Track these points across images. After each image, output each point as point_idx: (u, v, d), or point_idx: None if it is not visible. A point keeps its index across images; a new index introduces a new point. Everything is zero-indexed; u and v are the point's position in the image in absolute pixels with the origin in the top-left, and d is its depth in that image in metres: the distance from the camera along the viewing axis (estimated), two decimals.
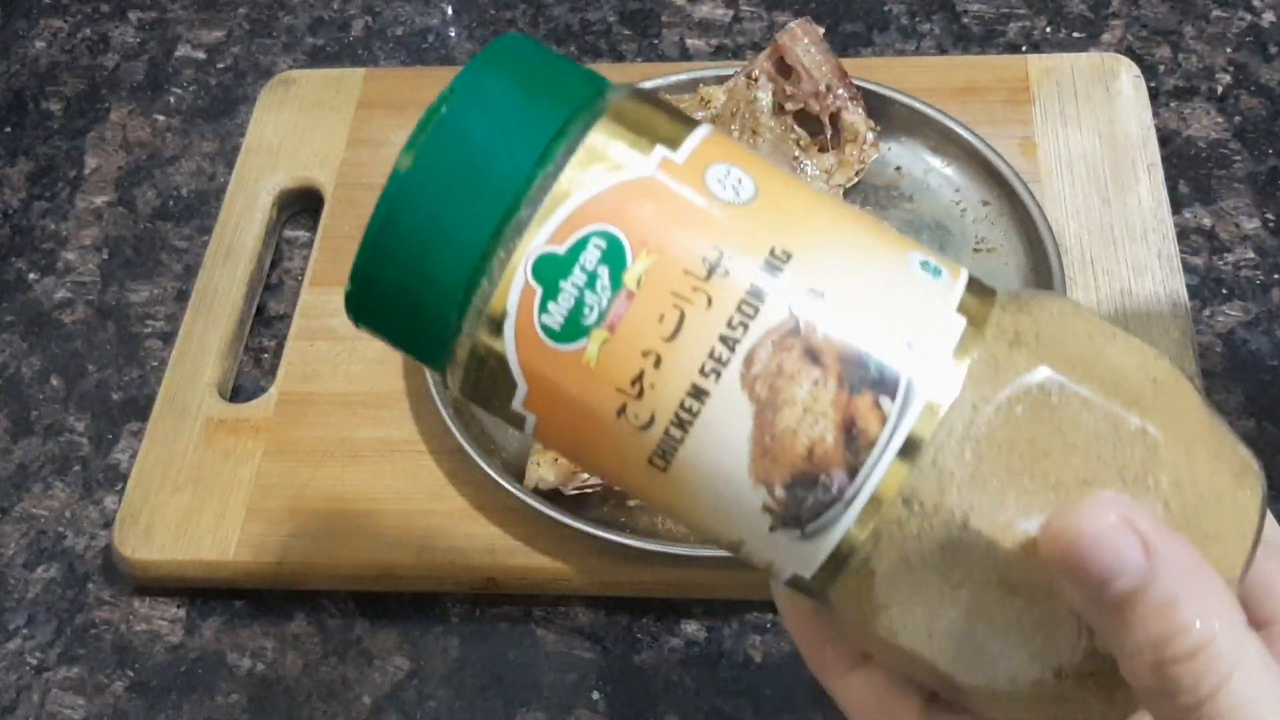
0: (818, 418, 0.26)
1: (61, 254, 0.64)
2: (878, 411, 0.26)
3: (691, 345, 0.26)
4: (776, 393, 0.26)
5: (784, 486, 0.27)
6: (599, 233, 0.26)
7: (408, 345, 0.30)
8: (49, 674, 0.52)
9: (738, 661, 0.49)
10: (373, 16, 0.72)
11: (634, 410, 0.27)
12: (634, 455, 0.28)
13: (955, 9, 0.68)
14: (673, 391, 0.27)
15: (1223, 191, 0.60)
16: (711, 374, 0.26)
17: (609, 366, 0.27)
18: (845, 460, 0.26)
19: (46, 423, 0.58)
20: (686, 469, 0.27)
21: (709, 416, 0.27)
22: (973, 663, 0.27)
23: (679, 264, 0.26)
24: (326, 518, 0.52)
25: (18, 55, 0.73)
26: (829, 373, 0.26)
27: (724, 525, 0.28)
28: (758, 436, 0.27)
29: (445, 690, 0.50)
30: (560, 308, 0.27)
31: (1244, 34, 0.66)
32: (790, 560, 0.28)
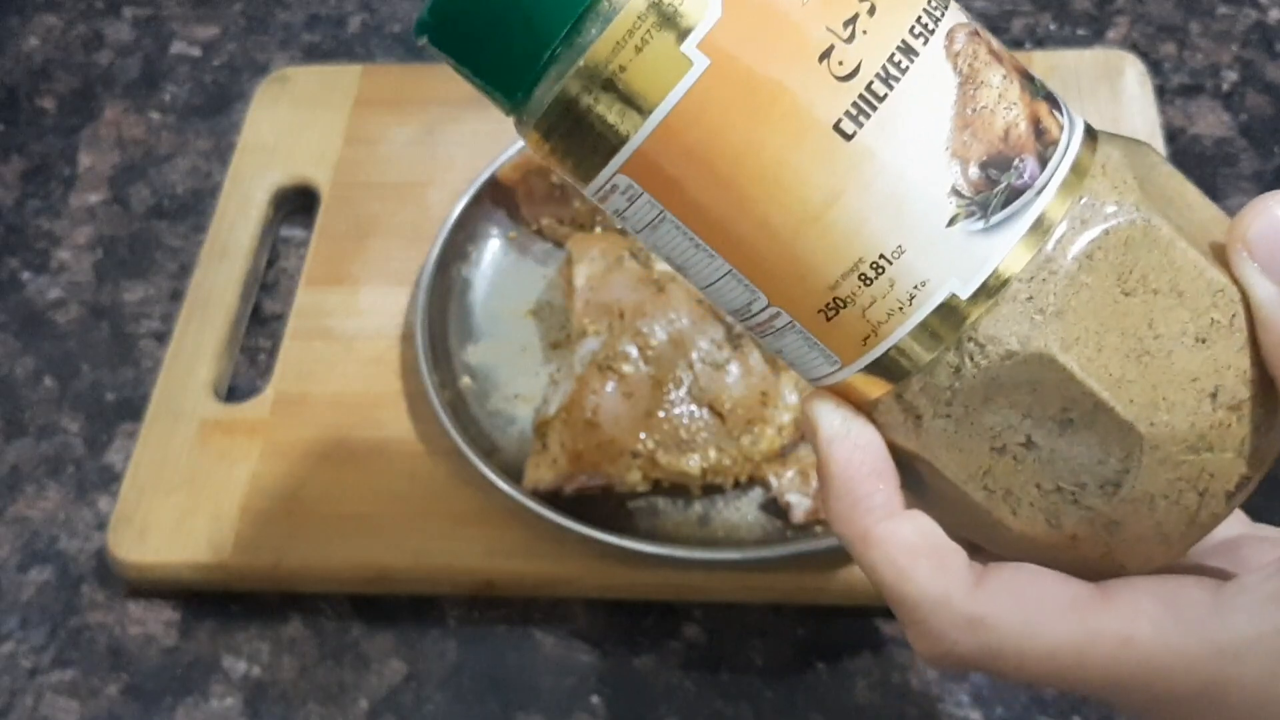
0: (1010, 105, 0.27)
1: (55, 253, 0.64)
2: (1055, 119, 0.28)
3: (901, 4, 0.26)
4: (976, 71, 0.27)
5: (979, 165, 0.26)
6: None
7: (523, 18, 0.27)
8: (42, 677, 0.51)
9: (738, 665, 0.49)
10: (370, 13, 0.72)
11: (840, 55, 0.26)
12: (821, 116, 0.26)
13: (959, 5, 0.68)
14: (884, 41, 0.26)
15: (1229, 189, 0.60)
16: (920, 36, 0.26)
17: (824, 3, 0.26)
18: (1036, 149, 0.27)
19: (40, 423, 0.58)
20: (879, 136, 0.26)
21: (916, 75, 0.26)
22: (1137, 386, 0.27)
23: None
24: (323, 520, 0.52)
25: (11, 52, 0.73)
26: (1011, 74, 0.28)
27: (889, 224, 0.26)
28: (960, 106, 0.26)
29: (443, 694, 0.49)
30: None
31: (1250, 31, 0.65)
32: (954, 268, 0.27)
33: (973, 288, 0.27)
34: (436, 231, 0.57)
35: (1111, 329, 0.26)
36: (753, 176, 0.26)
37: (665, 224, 0.28)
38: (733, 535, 0.50)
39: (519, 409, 0.54)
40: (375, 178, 0.62)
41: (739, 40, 0.26)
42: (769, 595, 0.49)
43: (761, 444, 0.50)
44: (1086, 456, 0.27)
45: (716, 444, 0.50)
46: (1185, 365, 0.27)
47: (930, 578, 0.27)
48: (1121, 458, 0.27)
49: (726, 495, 0.51)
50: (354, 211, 0.61)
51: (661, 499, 0.51)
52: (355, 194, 0.62)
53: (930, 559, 0.28)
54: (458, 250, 0.58)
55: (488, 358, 0.56)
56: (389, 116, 0.64)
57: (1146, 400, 0.27)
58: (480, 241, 0.59)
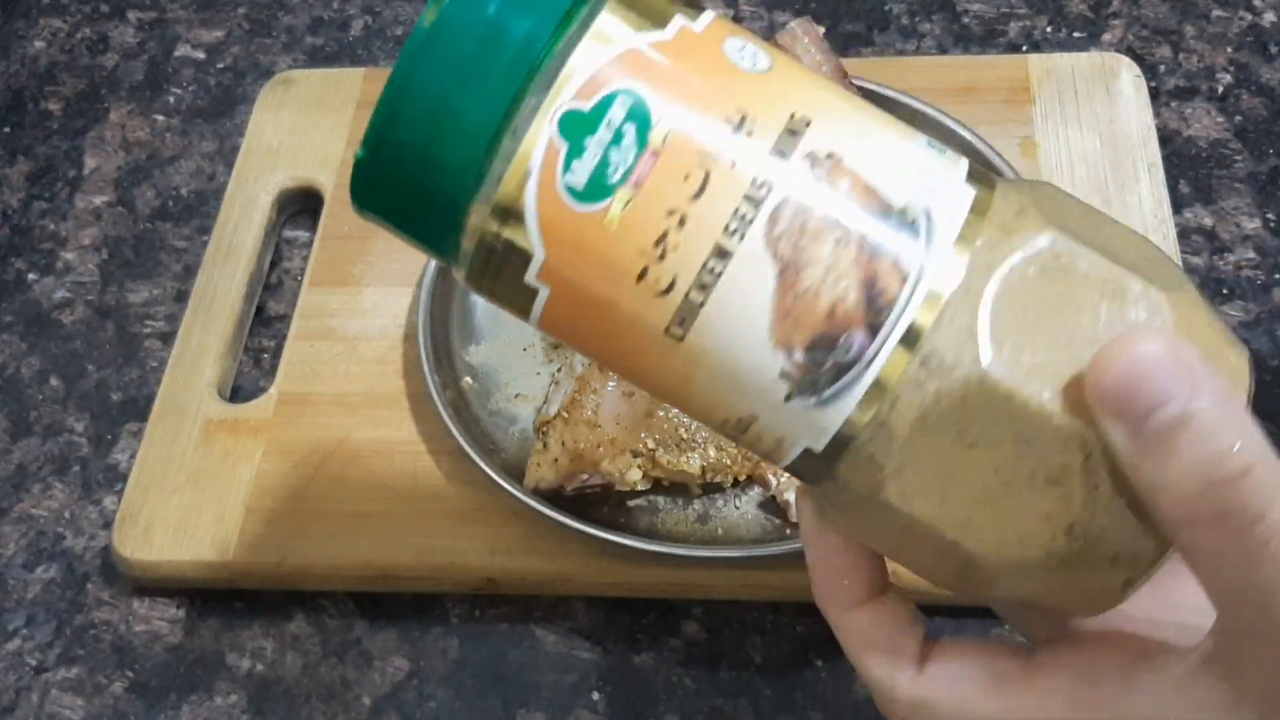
0: (840, 277, 0.26)
1: (61, 254, 0.64)
2: (897, 271, 0.26)
3: (716, 204, 0.26)
4: (800, 251, 0.26)
5: (804, 349, 0.27)
6: (624, 90, 0.27)
7: (417, 221, 0.29)
8: (48, 674, 0.51)
9: (738, 662, 0.49)
10: (372, 16, 0.72)
11: (655, 274, 0.27)
12: (651, 325, 0.27)
13: (956, 9, 0.68)
14: (696, 251, 0.27)
15: (1223, 191, 0.60)
16: (736, 233, 0.26)
17: (632, 227, 0.27)
18: (866, 319, 0.27)
19: (46, 423, 0.58)
20: (705, 336, 0.27)
21: (732, 277, 0.27)
22: (984, 528, 0.27)
23: (704, 123, 0.27)
24: (326, 518, 0.52)
25: (17, 55, 0.73)
26: (850, 233, 0.27)
27: (737, 399, 0.28)
28: (780, 297, 0.27)
29: (445, 691, 0.50)
30: (585, 165, 0.27)
31: (1244, 34, 0.66)
32: (803, 432, 0.28)
33: (822, 446, 0.28)
34: None
35: (955, 479, 0.27)
36: (620, 364, 0.29)
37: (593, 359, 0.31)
38: (732, 533, 0.50)
39: (520, 409, 0.55)
40: None
41: (567, 272, 0.28)
42: (768, 593, 0.50)
43: None
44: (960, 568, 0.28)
45: (716, 443, 0.50)
46: (1036, 505, 0.27)
47: (880, 667, 0.31)
48: (985, 580, 0.28)
49: (726, 494, 0.51)
50: None
51: (661, 497, 0.51)
52: None
53: (881, 650, 0.31)
54: None
55: (489, 358, 0.56)
56: None
57: (996, 538, 0.27)
58: None
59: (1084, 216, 0.28)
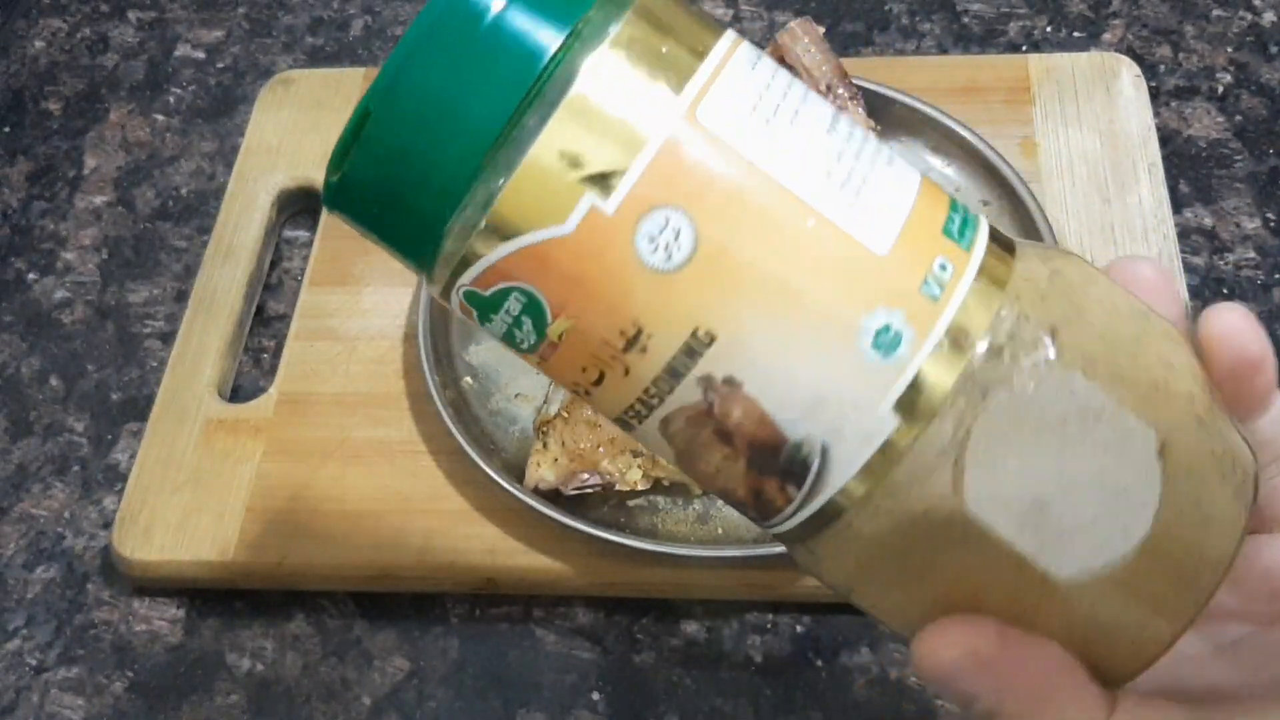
0: (729, 481, 0.28)
1: (61, 254, 0.64)
2: (784, 494, 0.27)
3: (613, 397, 0.27)
4: (692, 453, 0.27)
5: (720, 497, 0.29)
6: (518, 289, 0.27)
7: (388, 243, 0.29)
8: (48, 674, 0.51)
9: (738, 662, 0.49)
10: (372, 16, 0.72)
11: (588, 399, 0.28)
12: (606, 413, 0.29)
13: (955, 8, 0.68)
14: (608, 410, 0.28)
15: (1223, 191, 0.60)
16: (634, 417, 0.28)
17: (555, 374, 0.28)
18: (758, 512, 0.28)
19: (46, 423, 0.58)
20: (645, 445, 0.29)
21: (642, 435, 0.28)
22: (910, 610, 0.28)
23: (596, 333, 0.26)
24: (326, 518, 0.52)
25: (17, 55, 0.73)
26: (739, 453, 0.27)
27: None
28: (685, 466, 0.28)
29: (445, 691, 0.50)
30: (496, 329, 0.28)
31: (1245, 33, 0.66)
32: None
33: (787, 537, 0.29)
34: None
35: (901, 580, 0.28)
36: None
37: None
38: (732, 533, 0.50)
39: (520, 408, 0.55)
40: None
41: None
42: (768, 593, 0.50)
43: None
44: None
45: None
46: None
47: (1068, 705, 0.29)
48: None
49: None
50: None
51: (661, 497, 0.51)
52: None
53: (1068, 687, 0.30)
54: None
55: (489, 357, 0.56)
56: None
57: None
58: None
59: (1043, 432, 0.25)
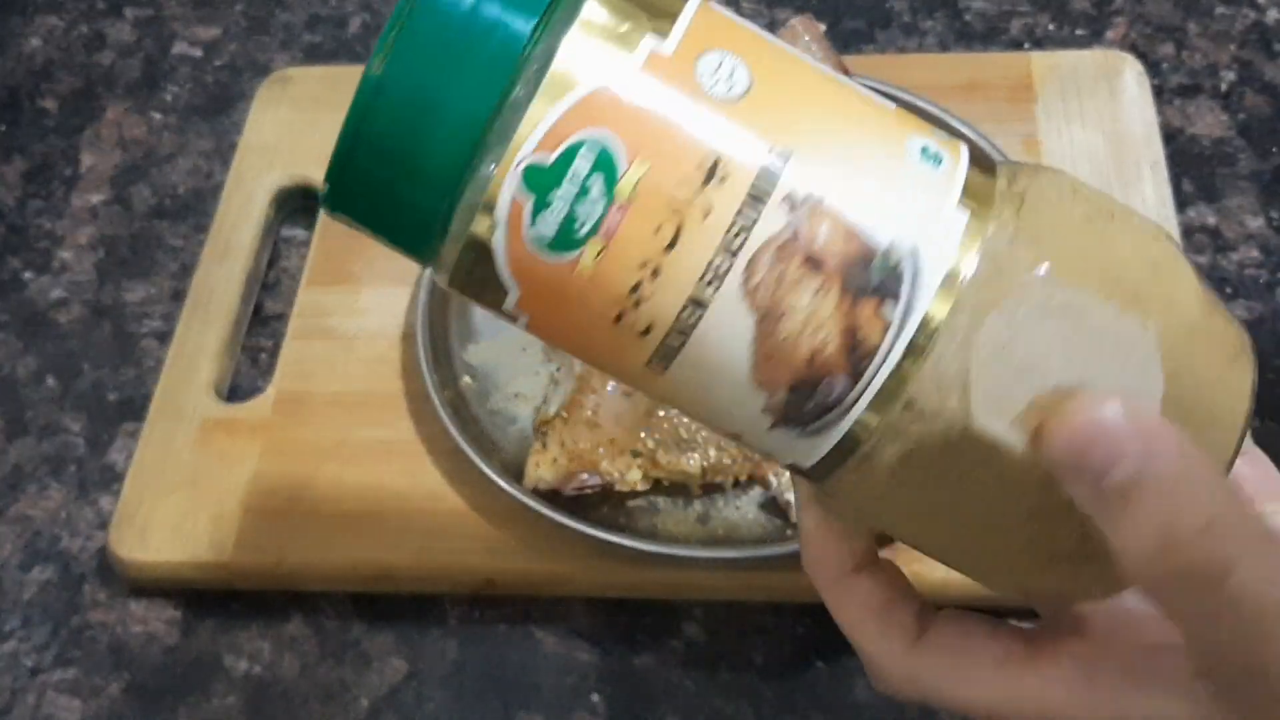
0: (820, 326, 0.26)
1: (57, 253, 0.64)
2: (879, 320, 0.26)
3: (690, 256, 0.26)
4: (778, 301, 0.26)
5: (786, 390, 0.27)
6: (588, 140, 0.25)
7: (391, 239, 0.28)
8: (44, 676, 0.51)
9: (738, 663, 0.49)
10: (370, 13, 0.72)
11: (632, 319, 0.27)
12: (631, 358, 0.27)
13: (957, 6, 0.68)
14: (671, 302, 0.26)
15: (1227, 190, 0.60)
16: (711, 284, 0.26)
17: (605, 276, 0.26)
18: (847, 367, 0.26)
19: (42, 423, 0.58)
20: (686, 372, 0.27)
21: (709, 325, 0.26)
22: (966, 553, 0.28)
23: (674, 172, 0.26)
24: (324, 519, 0.52)
25: (13, 52, 0.73)
26: (831, 281, 0.26)
27: (722, 421, 0.28)
28: (759, 344, 0.26)
29: (443, 692, 0.49)
30: (552, 218, 0.26)
31: (1248, 31, 0.66)
32: (789, 453, 0.28)
33: (809, 465, 0.28)
34: None
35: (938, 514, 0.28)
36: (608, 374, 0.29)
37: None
38: (732, 534, 0.50)
39: (519, 408, 0.54)
40: None
41: (541, 308, 0.27)
42: (768, 594, 0.49)
43: None
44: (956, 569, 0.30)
45: (716, 443, 0.50)
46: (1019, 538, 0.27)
47: (875, 636, 0.30)
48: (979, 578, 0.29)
49: (726, 494, 0.51)
50: None
51: (661, 498, 0.51)
52: None
53: (877, 619, 0.31)
54: None
55: (488, 357, 0.56)
56: None
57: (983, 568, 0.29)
58: None
59: (1088, 225, 0.27)
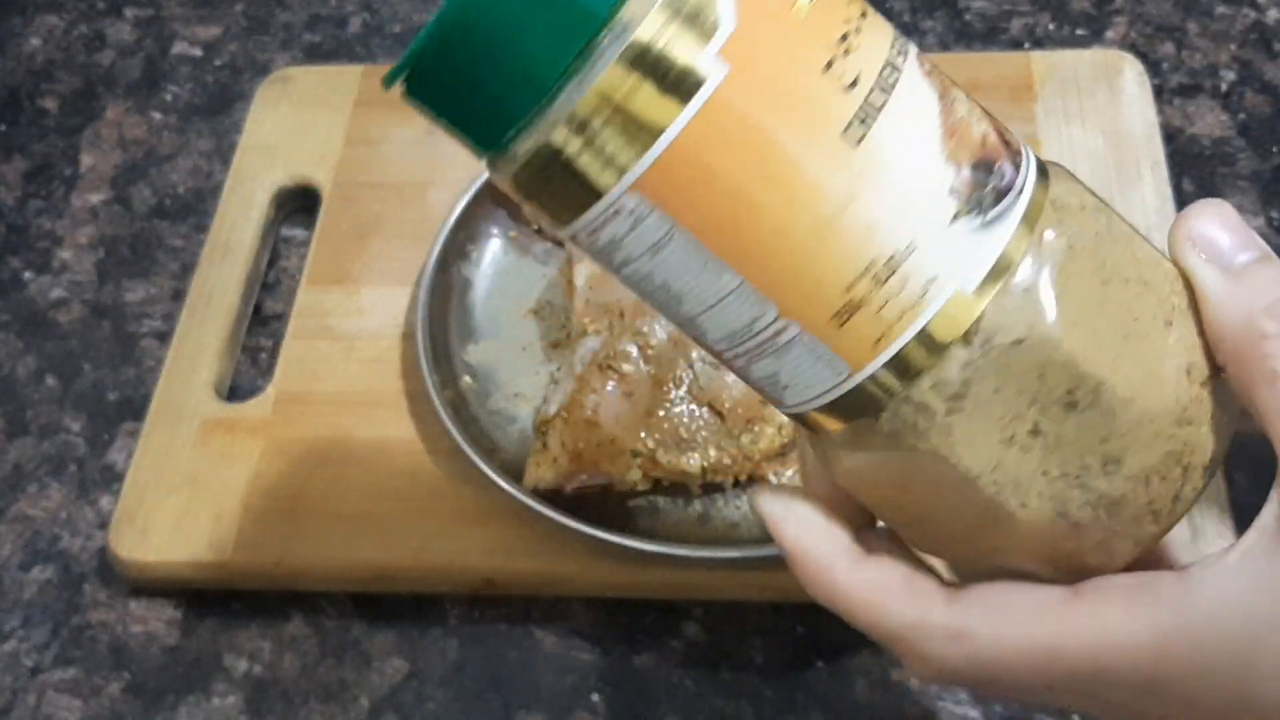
0: (980, 118, 0.29)
1: (57, 253, 0.64)
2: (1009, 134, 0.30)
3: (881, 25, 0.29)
4: (948, 88, 0.29)
5: (970, 167, 0.28)
6: None
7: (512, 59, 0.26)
8: (44, 676, 0.51)
9: (739, 663, 0.49)
10: (370, 13, 0.72)
11: (841, 67, 0.27)
12: (832, 123, 0.27)
13: (957, 6, 0.68)
14: (874, 56, 0.28)
15: (1227, 189, 0.60)
16: (901, 54, 0.28)
17: (819, 20, 0.27)
18: (1008, 155, 0.29)
19: (42, 423, 0.58)
20: (884, 140, 0.27)
21: (905, 87, 0.28)
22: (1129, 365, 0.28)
23: None
24: (324, 518, 0.52)
25: (13, 52, 0.73)
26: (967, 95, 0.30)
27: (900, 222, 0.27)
28: (945, 117, 0.28)
29: (444, 692, 0.49)
30: None
31: (1248, 31, 0.66)
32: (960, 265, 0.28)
33: (977, 281, 0.28)
34: (437, 231, 0.57)
35: (1100, 314, 0.28)
36: (770, 183, 0.27)
37: (673, 244, 0.28)
38: (733, 534, 0.50)
39: (519, 408, 0.54)
40: (376, 178, 0.63)
41: (755, 49, 0.26)
42: (769, 594, 0.49)
43: (761, 443, 0.50)
44: (1091, 437, 0.28)
45: (716, 443, 0.50)
46: (1162, 346, 0.29)
47: (904, 606, 0.29)
48: (1122, 434, 0.28)
49: (726, 494, 0.51)
50: (355, 211, 0.61)
51: (661, 498, 0.51)
52: (356, 194, 0.62)
53: (900, 590, 0.29)
54: (458, 250, 0.58)
55: (488, 357, 0.56)
56: (390, 117, 0.64)
57: (1140, 378, 0.28)
58: (481, 241, 0.59)
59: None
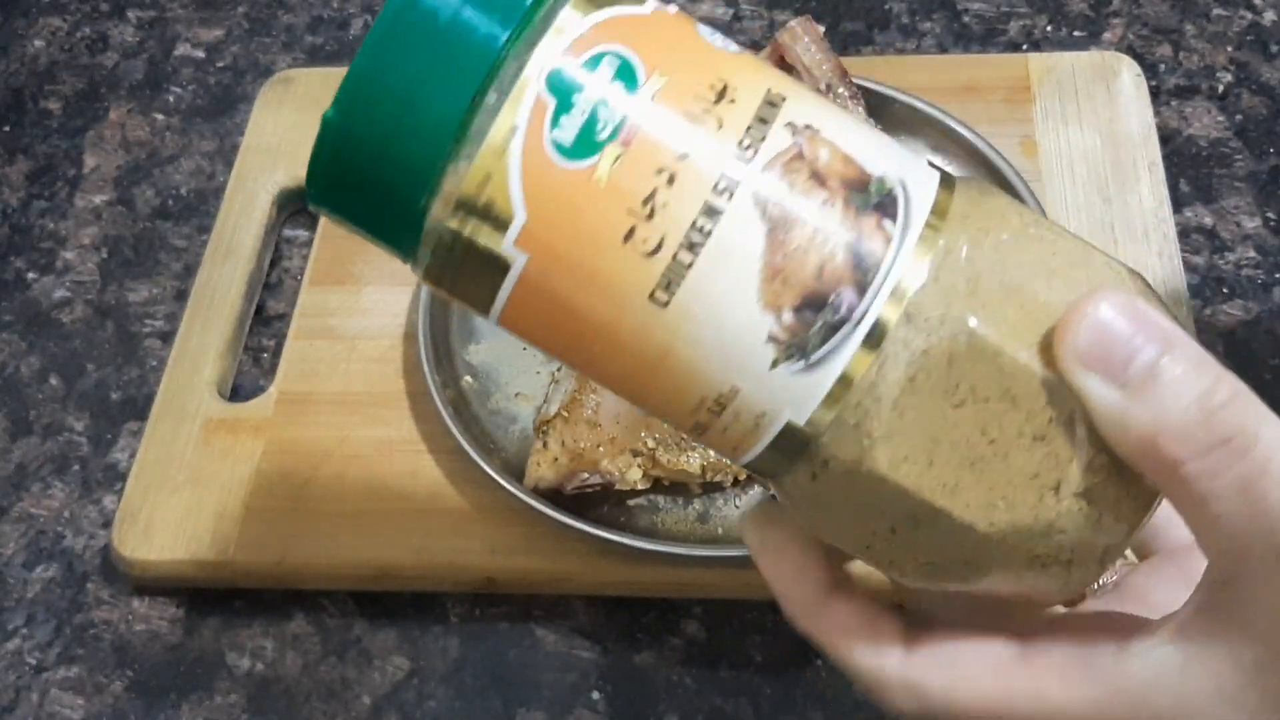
0: (827, 237, 0.27)
1: (61, 253, 0.64)
2: (882, 232, 0.27)
3: (706, 162, 0.27)
4: (787, 211, 0.27)
5: (793, 309, 0.27)
6: (611, 50, 0.27)
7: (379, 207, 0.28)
8: (48, 674, 0.51)
9: (738, 661, 0.49)
10: (372, 15, 0.72)
11: (643, 234, 0.27)
12: (634, 291, 0.27)
13: (956, 7, 0.68)
14: (686, 210, 0.27)
15: (1224, 190, 0.60)
16: (725, 191, 0.27)
17: (621, 184, 0.27)
18: (854, 278, 0.27)
19: (45, 422, 0.58)
20: (691, 300, 0.27)
21: (721, 235, 0.27)
22: (972, 491, 0.27)
23: (690, 86, 0.27)
24: (326, 517, 0.52)
25: (16, 54, 0.73)
26: (835, 194, 0.27)
27: (719, 371, 0.28)
28: (769, 256, 0.27)
29: (445, 690, 0.50)
30: (573, 121, 0.26)
31: (1245, 33, 0.66)
32: (787, 402, 0.27)
33: (806, 416, 0.28)
34: None
35: (943, 441, 0.27)
36: (593, 339, 0.28)
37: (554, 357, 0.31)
38: (732, 532, 0.50)
39: (520, 408, 0.55)
40: None
41: (548, 235, 0.27)
42: (768, 592, 0.49)
43: None
44: (943, 545, 0.28)
45: None
46: (1024, 464, 0.27)
47: (864, 654, 0.30)
48: (971, 549, 0.28)
49: (726, 493, 0.51)
50: None
51: (662, 497, 0.51)
52: None
53: (863, 637, 0.30)
54: None
55: (489, 357, 0.56)
56: None
57: (983, 502, 0.27)
58: None
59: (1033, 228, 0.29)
